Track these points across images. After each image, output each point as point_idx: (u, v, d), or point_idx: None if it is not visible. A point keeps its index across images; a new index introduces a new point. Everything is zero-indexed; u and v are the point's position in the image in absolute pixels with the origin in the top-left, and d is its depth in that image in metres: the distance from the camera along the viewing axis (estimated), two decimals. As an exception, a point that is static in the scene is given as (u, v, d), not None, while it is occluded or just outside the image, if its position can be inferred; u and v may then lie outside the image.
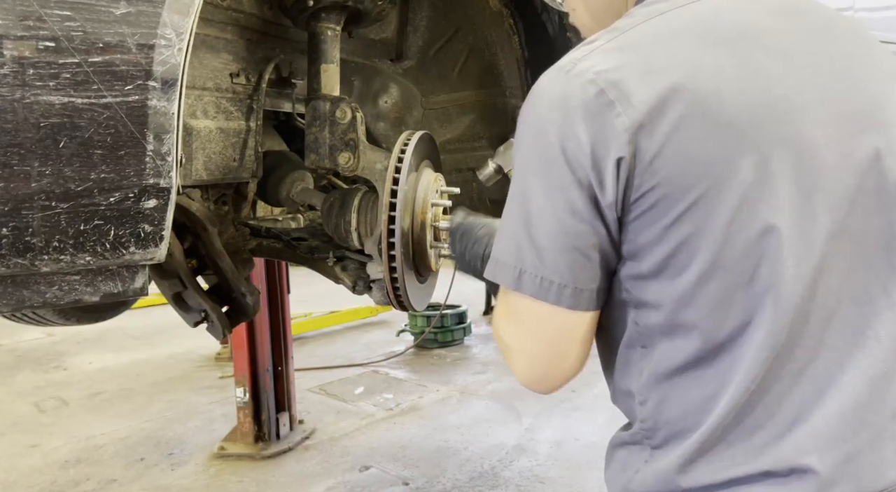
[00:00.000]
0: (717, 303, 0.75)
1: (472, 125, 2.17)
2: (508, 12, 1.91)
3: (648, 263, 0.77)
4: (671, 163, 0.73)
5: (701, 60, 0.76)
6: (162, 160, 0.98)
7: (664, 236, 0.75)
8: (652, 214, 0.75)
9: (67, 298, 1.00)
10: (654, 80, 0.74)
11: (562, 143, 0.76)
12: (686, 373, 0.78)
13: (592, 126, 0.75)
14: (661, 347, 0.79)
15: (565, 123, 0.76)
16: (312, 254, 1.84)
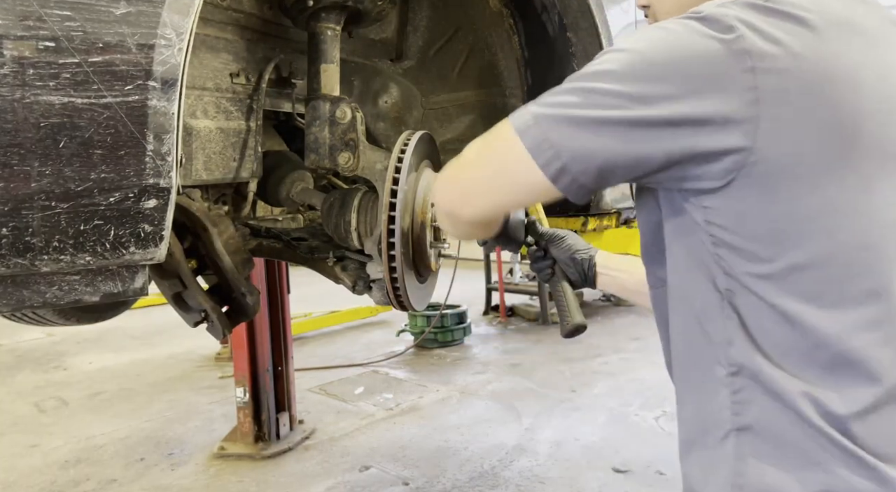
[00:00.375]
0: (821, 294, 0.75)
1: (472, 125, 2.17)
2: (508, 12, 1.91)
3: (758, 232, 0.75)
4: (799, 141, 0.72)
5: (840, 48, 0.75)
6: (162, 160, 0.98)
7: (772, 213, 0.74)
8: (762, 189, 0.73)
9: (67, 298, 1.00)
10: (797, 55, 0.72)
11: (678, 70, 0.73)
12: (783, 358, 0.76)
13: (718, 76, 0.72)
14: (758, 322, 0.77)
15: (687, 58, 0.73)
16: (312, 254, 1.84)
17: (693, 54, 0.73)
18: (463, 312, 5.94)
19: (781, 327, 0.76)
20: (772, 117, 0.72)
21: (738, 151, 0.72)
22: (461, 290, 5.82)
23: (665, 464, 3.31)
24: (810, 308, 0.74)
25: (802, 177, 0.73)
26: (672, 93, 0.73)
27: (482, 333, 6.28)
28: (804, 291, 0.74)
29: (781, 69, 0.72)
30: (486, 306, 7.06)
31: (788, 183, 0.73)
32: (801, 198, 0.73)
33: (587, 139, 0.75)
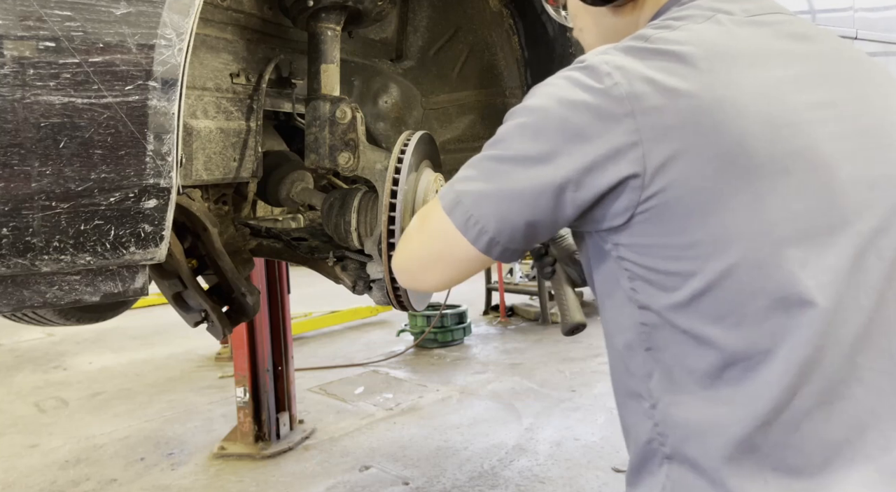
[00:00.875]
0: (724, 315, 0.76)
1: (472, 125, 2.17)
2: (508, 12, 1.91)
3: (656, 265, 0.78)
4: (686, 173, 0.74)
5: (718, 76, 0.76)
6: (162, 160, 0.98)
7: (669, 244, 0.77)
8: (659, 222, 0.76)
9: (68, 298, 1.00)
10: (673, 91, 0.75)
11: (564, 126, 0.77)
12: (698, 383, 0.78)
13: (601, 121, 0.76)
14: (671, 353, 0.80)
15: (574, 106, 0.77)
16: (312, 254, 1.84)
17: (577, 107, 0.77)
18: (463, 312, 5.94)
19: (695, 351, 0.78)
20: (657, 153, 0.74)
21: (632, 180, 0.76)
22: (461, 290, 5.83)
23: (665, 464, 3.31)
24: (718, 329, 0.76)
25: (695, 207, 0.75)
26: (566, 148, 0.77)
27: (482, 333, 6.29)
28: (710, 313, 0.77)
29: (659, 107, 0.75)
30: (486, 306, 7.07)
31: (682, 214, 0.75)
32: (696, 227, 0.75)
33: (505, 209, 0.81)
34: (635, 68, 0.77)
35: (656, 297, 0.80)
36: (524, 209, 0.80)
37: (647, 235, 0.78)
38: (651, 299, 0.80)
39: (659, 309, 0.80)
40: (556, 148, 0.78)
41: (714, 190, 0.74)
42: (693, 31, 0.81)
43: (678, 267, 0.77)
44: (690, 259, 0.76)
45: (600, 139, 0.76)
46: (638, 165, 0.75)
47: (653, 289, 0.80)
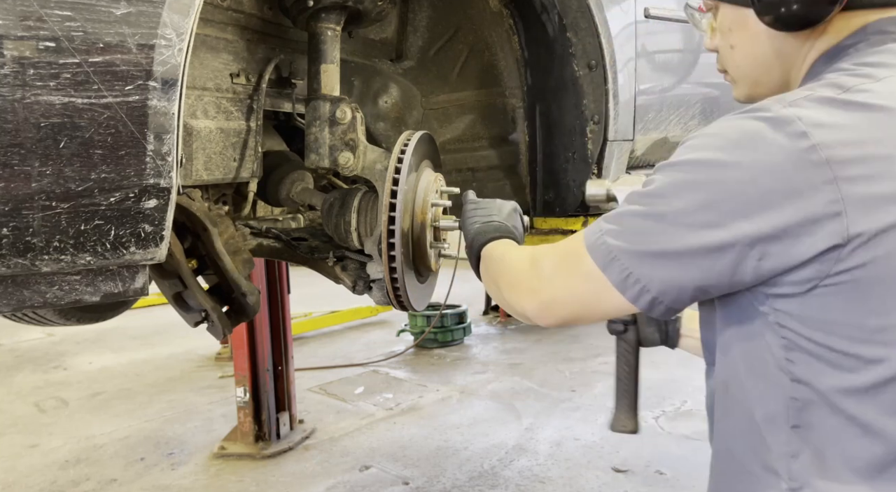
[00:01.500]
0: None
1: (472, 125, 2.17)
2: (508, 12, 1.91)
3: (833, 344, 0.71)
4: (887, 255, 0.67)
5: None
6: (162, 160, 0.98)
7: (858, 323, 0.69)
8: (850, 297, 0.69)
9: (68, 298, 1.00)
10: (886, 158, 0.67)
11: (745, 190, 0.69)
12: (856, 473, 0.72)
13: (795, 188, 0.67)
14: (829, 436, 0.73)
15: (757, 172, 0.69)
16: (312, 254, 1.84)
17: (766, 170, 0.68)
18: (463, 312, 5.94)
19: (859, 441, 0.71)
20: (863, 225, 0.67)
21: (827, 252, 0.68)
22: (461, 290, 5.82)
23: (665, 464, 3.32)
24: (894, 423, 0.70)
25: (893, 285, 0.68)
26: (748, 213, 0.69)
27: (482, 333, 6.28)
28: (889, 405, 0.70)
29: (866, 176, 0.67)
30: (486, 306, 7.06)
31: (882, 293, 0.68)
32: (892, 308, 0.68)
33: (674, 272, 0.74)
34: (836, 127, 0.68)
35: (823, 375, 0.72)
36: (693, 273, 0.73)
37: (828, 309, 0.70)
38: (814, 377, 0.72)
39: (824, 389, 0.72)
40: (736, 214, 0.69)
41: None
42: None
43: (862, 350, 0.70)
44: (880, 344, 0.69)
45: (794, 208, 0.67)
46: (839, 237, 0.67)
47: (821, 366, 0.72)
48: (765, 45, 0.86)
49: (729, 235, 0.70)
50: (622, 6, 1.84)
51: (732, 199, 0.70)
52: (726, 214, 0.70)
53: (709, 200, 0.71)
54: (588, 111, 1.82)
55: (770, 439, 0.76)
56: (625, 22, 1.84)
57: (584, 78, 1.81)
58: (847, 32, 0.81)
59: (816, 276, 0.69)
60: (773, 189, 0.68)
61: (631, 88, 1.86)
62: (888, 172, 0.67)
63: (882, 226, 0.66)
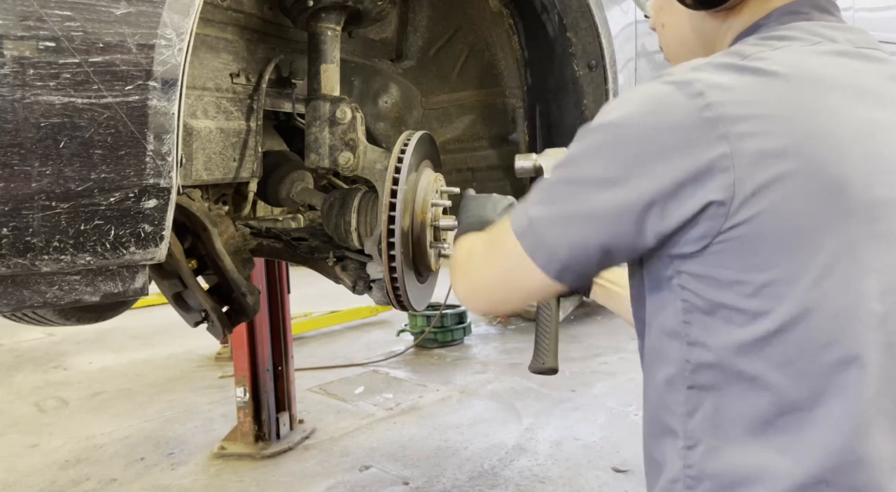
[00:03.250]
0: (791, 360, 0.71)
1: (472, 125, 2.17)
2: (508, 12, 1.91)
3: (725, 303, 0.73)
4: (769, 208, 0.69)
5: (820, 107, 0.72)
6: (162, 160, 0.98)
7: (747, 279, 0.71)
8: (739, 253, 0.71)
9: (68, 298, 1.00)
10: (772, 117, 0.70)
11: (646, 147, 0.72)
12: (746, 429, 0.74)
13: (689, 143, 0.71)
14: (722, 392, 0.75)
15: (656, 130, 0.72)
16: (312, 254, 1.84)
17: (665, 126, 0.72)
18: (463, 312, 5.93)
19: (747, 396, 0.74)
20: (750, 181, 0.69)
21: (715, 207, 0.70)
22: (461, 290, 5.81)
23: (665, 464, 3.31)
24: (779, 375, 0.72)
25: (784, 241, 0.70)
26: (649, 170, 0.72)
27: (482, 332, 6.28)
28: (774, 357, 0.72)
29: (756, 133, 0.70)
30: (486, 306, 7.05)
31: (768, 248, 0.70)
32: (781, 262, 0.70)
33: (579, 234, 0.77)
34: (731, 88, 0.72)
35: (715, 334, 0.74)
36: (600, 234, 0.75)
37: (721, 266, 0.72)
38: (708, 336, 0.75)
39: (715, 347, 0.74)
40: (637, 170, 0.72)
41: (808, 227, 0.69)
42: (797, 55, 0.76)
43: (750, 304, 0.72)
44: (766, 298, 0.71)
45: (688, 162, 0.70)
46: (726, 192, 0.69)
47: (714, 325, 0.74)
48: (687, 25, 0.93)
49: (630, 192, 0.73)
50: (622, 6, 1.84)
51: (634, 156, 0.73)
52: (628, 172, 0.73)
53: (613, 159, 0.75)
54: (588, 111, 1.82)
55: (670, 400, 0.79)
56: (625, 22, 1.84)
57: (584, 78, 1.81)
58: (762, 13, 0.85)
59: (709, 232, 0.71)
60: (670, 145, 0.71)
61: (631, 88, 1.86)
62: (772, 131, 0.70)
63: (765, 181, 0.69)
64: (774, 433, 0.73)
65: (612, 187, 0.74)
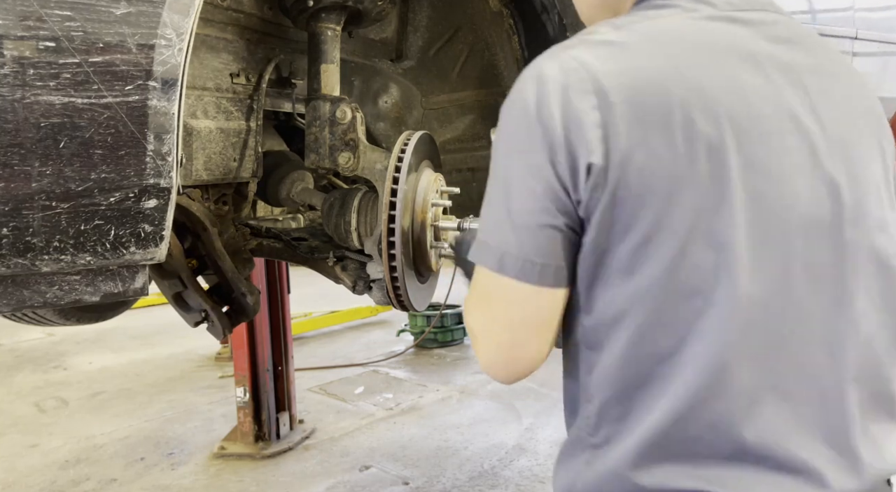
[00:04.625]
0: (660, 311, 0.75)
1: (472, 125, 2.17)
2: (508, 12, 1.91)
3: (608, 265, 0.77)
4: (639, 167, 0.73)
5: (688, 70, 0.76)
6: (162, 160, 0.98)
7: (625, 240, 0.75)
8: (616, 215, 0.75)
9: (68, 298, 1.00)
10: (636, 82, 0.75)
11: (541, 122, 0.77)
12: (628, 375, 0.79)
13: (568, 112, 0.75)
14: (607, 348, 0.79)
15: (544, 103, 0.77)
16: (312, 254, 1.84)
17: (547, 103, 0.76)
18: (463, 312, 5.93)
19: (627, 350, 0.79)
20: (617, 144, 0.73)
21: (599, 170, 0.74)
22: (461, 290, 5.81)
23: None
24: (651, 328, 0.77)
25: (647, 201, 0.73)
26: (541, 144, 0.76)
27: (482, 332, 6.28)
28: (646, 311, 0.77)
29: (625, 100, 0.74)
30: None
31: (637, 208, 0.74)
32: (649, 222, 0.74)
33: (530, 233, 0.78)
34: (595, 62, 0.76)
35: (597, 297, 0.81)
36: (540, 219, 0.78)
37: (602, 228, 0.77)
38: (592, 300, 0.81)
39: (598, 309, 0.80)
40: (538, 145, 0.77)
41: (675, 185, 0.74)
42: (673, 22, 0.81)
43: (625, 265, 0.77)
44: (639, 256, 0.76)
45: (568, 134, 0.75)
46: (601, 157, 0.74)
47: (597, 287, 0.80)
48: None
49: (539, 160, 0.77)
50: (622, 6, 1.84)
51: (534, 133, 0.77)
52: (534, 149, 0.77)
53: (517, 142, 0.80)
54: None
55: (579, 357, 0.84)
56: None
57: (584, 78, 1.81)
58: None
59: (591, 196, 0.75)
60: (555, 120, 0.76)
61: (631, 88, 1.86)
62: (636, 99, 0.74)
63: (632, 142, 0.73)
64: (652, 380, 0.77)
65: (537, 171, 0.77)
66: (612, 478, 0.80)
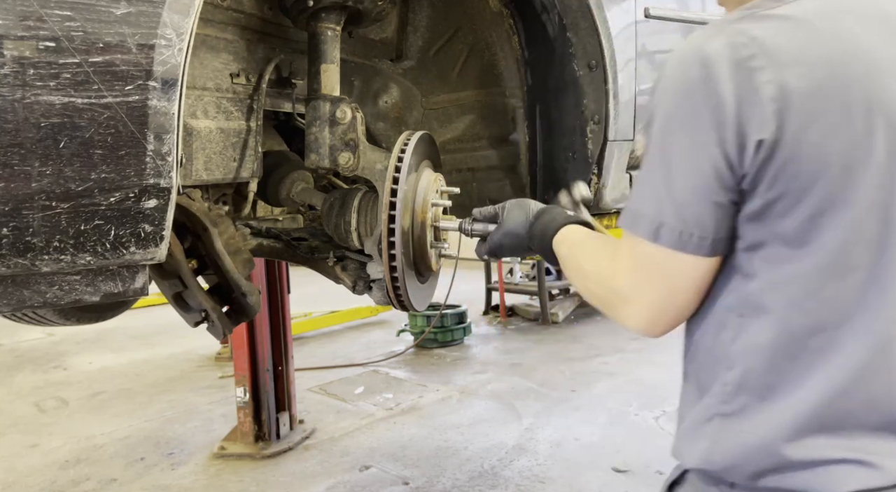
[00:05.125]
0: (824, 283, 0.77)
1: (472, 125, 2.17)
2: (508, 12, 1.91)
3: (775, 234, 0.79)
4: (814, 141, 0.74)
5: (861, 44, 0.77)
6: (162, 160, 0.98)
7: (794, 212, 0.77)
8: (786, 188, 0.76)
9: (68, 298, 1.00)
10: (809, 57, 0.75)
11: (708, 100, 0.77)
12: (780, 345, 0.80)
13: (740, 87, 0.76)
14: (762, 317, 0.81)
15: (713, 80, 0.77)
16: (312, 254, 1.84)
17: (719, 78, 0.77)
18: (463, 312, 5.93)
19: (784, 320, 0.81)
20: (790, 120, 0.74)
21: (771, 144, 0.75)
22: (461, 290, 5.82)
23: (665, 464, 3.31)
24: (813, 300, 0.78)
25: (822, 174, 0.75)
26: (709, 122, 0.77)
27: (482, 333, 6.28)
28: (811, 284, 0.78)
29: (791, 77, 0.75)
30: (486, 306, 7.06)
31: (811, 180, 0.75)
32: (821, 195, 0.75)
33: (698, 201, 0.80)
34: (766, 36, 0.77)
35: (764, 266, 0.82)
36: (700, 194, 0.80)
37: (772, 201, 0.78)
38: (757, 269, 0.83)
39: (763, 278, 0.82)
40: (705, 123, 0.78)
41: (848, 157, 0.75)
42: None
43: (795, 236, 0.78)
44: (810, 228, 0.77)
45: (740, 109, 0.76)
46: (773, 132, 0.75)
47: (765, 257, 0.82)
48: None
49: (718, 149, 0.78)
50: (622, 6, 1.84)
51: (700, 111, 0.78)
52: (699, 127, 0.78)
53: (680, 119, 0.81)
54: (588, 111, 1.81)
55: (723, 328, 0.85)
56: (625, 22, 1.84)
57: (584, 78, 1.81)
58: None
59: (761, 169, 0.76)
60: (727, 94, 0.77)
61: (631, 88, 1.86)
62: (806, 69, 0.75)
63: (806, 115, 0.74)
64: (806, 353, 0.79)
65: (702, 148, 0.79)
66: (759, 450, 0.81)
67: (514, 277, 7.39)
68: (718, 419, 0.85)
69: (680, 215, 0.81)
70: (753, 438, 0.81)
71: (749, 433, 0.82)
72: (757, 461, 0.81)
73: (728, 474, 0.84)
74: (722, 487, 0.85)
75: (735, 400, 0.83)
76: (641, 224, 0.84)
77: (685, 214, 0.80)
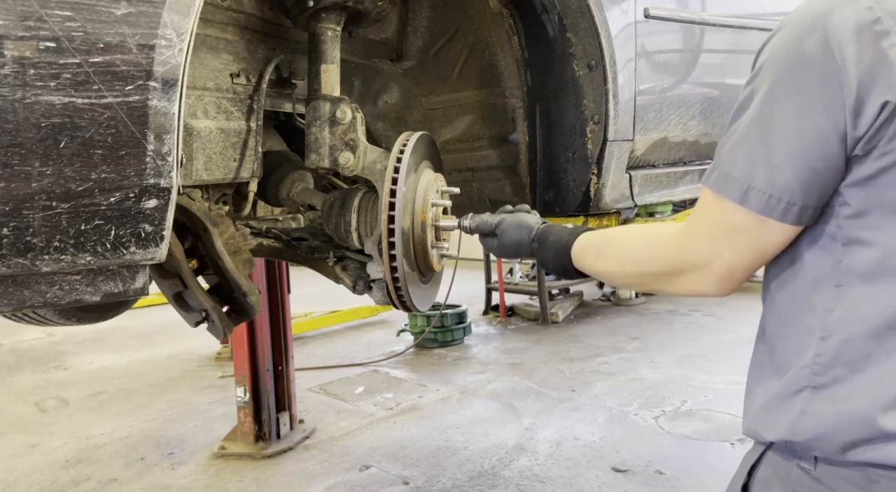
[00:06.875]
0: None
1: (472, 125, 2.17)
2: (508, 12, 1.91)
3: (883, 202, 0.78)
4: None
5: None
6: (162, 160, 0.99)
7: None
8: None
9: (68, 298, 1.00)
10: None
11: (824, 65, 0.77)
12: (885, 314, 0.79)
13: (865, 50, 0.75)
14: (864, 286, 0.80)
15: (831, 44, 0.76)
16: (313, 254, 1.84)
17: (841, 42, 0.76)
18: (463, 312, 5.94)
19: (885, 292, 0.80)
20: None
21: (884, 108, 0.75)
22: (461, 290, 5.83)
23: (665, 464, 3.32)
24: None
25: None
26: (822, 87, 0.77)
27: (482, 332, 6.28)
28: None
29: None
30: (486, 306, 7.06)
31: None
32: None
33: (799, 168, 0.80)
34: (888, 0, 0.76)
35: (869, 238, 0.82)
36: (808, 160, 0.79)
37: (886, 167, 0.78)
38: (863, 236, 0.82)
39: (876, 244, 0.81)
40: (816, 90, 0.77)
41: None
42: None
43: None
44: None
45: (863, 72, 0.75)
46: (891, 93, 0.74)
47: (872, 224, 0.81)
48: None
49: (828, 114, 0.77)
50: (622, 6, 1.84)
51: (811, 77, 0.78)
52: (809, 93, 0.78)
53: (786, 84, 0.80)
54: (588, 111, 1.82)
55: (816, 298, 0.85)
56: (625, 22, 1.84)
57: (584, 78, 1.81)
58: None
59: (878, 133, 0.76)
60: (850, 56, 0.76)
61: (631, 88, 1.86)
62: None
63: None
64: (887, 337, 0.79)
65: (809, 114, 0.78)
66: (852, 420, 0.80)
67: (514, 277, 7.40)
68: (808, 392, 0.84)
69: (771, 180, 0.80)
70: (847, 407, 0.80)
71: (842, 403, 0.81)
72: (849, 431, 0.80)
73: (814, 447, 0.82)
74: (805, 461, 0.84)
75: (829, 372, 0.82)
76: (730, 186, 0.84)
77: (777, 180, 0.80)
